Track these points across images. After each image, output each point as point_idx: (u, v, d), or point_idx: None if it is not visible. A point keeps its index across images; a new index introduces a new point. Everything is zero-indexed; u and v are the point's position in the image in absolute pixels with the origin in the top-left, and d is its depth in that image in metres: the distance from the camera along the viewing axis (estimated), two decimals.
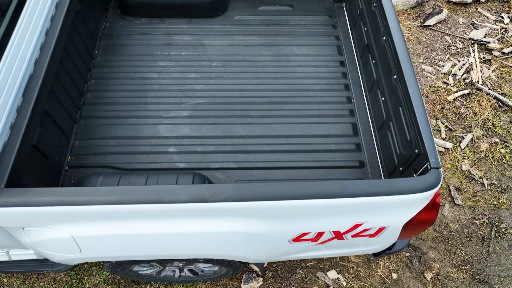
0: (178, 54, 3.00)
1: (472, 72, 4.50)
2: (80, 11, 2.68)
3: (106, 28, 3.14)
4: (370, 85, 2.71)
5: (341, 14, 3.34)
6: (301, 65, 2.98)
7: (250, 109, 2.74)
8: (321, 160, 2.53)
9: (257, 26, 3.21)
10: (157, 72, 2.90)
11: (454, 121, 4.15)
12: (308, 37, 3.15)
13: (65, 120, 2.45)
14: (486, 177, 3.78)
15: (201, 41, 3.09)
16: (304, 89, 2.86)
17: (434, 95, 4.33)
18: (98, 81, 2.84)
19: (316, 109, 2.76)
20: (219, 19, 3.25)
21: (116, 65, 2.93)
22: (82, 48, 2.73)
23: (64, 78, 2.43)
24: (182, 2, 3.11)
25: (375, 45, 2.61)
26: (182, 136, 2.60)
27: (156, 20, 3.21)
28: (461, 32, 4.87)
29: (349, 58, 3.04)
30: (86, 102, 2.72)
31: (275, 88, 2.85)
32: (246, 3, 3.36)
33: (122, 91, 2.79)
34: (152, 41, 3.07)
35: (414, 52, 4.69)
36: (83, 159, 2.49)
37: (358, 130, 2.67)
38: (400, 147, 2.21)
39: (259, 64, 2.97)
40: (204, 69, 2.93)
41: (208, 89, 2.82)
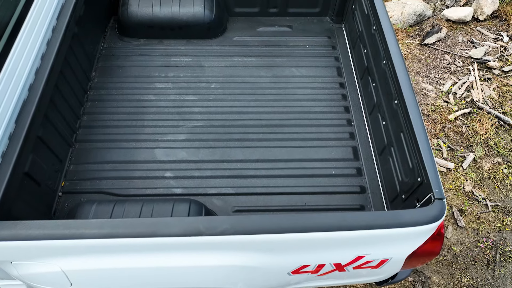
0: (176, 75, 2.97)
1: (473, 90, 4.48)
2: (77, 34, 2.66)
3: (104, 49, 3.12)
4: (371, 108, 2.67)
5: (341, 35, 3.32)
6: (301, 87, 2.95)
7: (249, 132, 2.69)
8: (321, 185, 2.48)
9: (256, 47, 3.19)
10: (155, 94, 2.86)
11: (456, 141, 4.10)
12: (307, 58, 3.13)
13: (59, 145, 2.40)
14: (490, 198, 3.71)
15: (200, 62, 3.07)
16: (303, 112, 2.82)
17: (434, 114, 4.30)
18: (94, 103, 2.80)
19: (316, 132, 2.71)
20: (218, 40, 3.23)
21: (113, 86, 2.89)
22: (79, 70, 2.70)
23: (60, 102, 2.40)
24: (180, 24, 3.10)
25: (375, 68, 2.58)
26: (179, 160, 2.54)
27: (155, 41, 3.19)
28: (461, 51, 4.87)
29: (349, 79, 3.01)
30: (82, 125, 2.68)
31: (274, 111, 2.81)
32: (245, 24, 3.35)
33: (119, 113, 2.75)
34: (150, 62, 3.04)
35: (414, 70, 4.68)
36: (78, 184, 2.44)
37: (358, 154, 2.62)
38: (402, 174, 2.15)
39: (258, 86, 2.94)
40: (202, 91, 2.89)
41: (206, 112, 2.78)
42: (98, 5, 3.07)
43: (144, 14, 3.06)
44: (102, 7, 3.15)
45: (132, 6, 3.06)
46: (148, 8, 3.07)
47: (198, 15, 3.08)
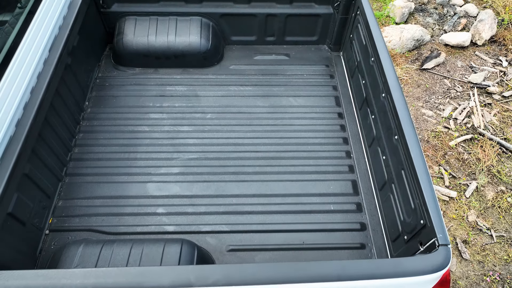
0: (171, 105, 2.91)
1: (473, 116, 4.42)
2: (70, 64, 2.61)
3: (98, 79, 3.07)
4: (370, 140, 2.59)
5: (339, 63, 3.28)
6: (298, 117, 2.89)
7: (245, 165, 2.61)
8: (319, 222, 2.38)
9: (253, 76, 3.15)
10: (149, 125, 2.79)
11: (458, 168, 4.02)
12: (305, 87, 3.08)
13: (48, 180, 2.32)
14: (494, 229, 3.60)
15: (195, 92, 3.01)
16: (301, 143, 2.74)
17: (435, 140, 4.22)
18: (86, 135, 2.73)
19: (314, 164, 2.63)
20: (214, 68, 3.19)
21: (106, 117, 2.83)
22: (72, 101, 2.64)
23: (50, 136, 2.32)
24: (176, 53, 3.06)
25: (374, 100, 2.52)
26: (172, 195, 2.45)
27: (150, 70, 3.15)
28: (460, 75, 4.83)
29: (347, 109, 2.95)
30: (73, 158, 2.60)
31: (271, 142, 2.73)
32: (242, 52, 3.32)
33: (111, 145, 2.67)
34: (145, 92, 2.99)
35: (413, 95, 4.63)
36: (66, 221, 2.34)
37: (358, 188, 2.53)
38: (404, 214, 2.05)
39: (255, 116, 2.88)
40: (198, 121, 2.83)
41: (201, 143, 2.71)
42: (93, 34, 3.04)
43: (140, 43, 3.02)
44: (97, 36, 3.12)
45: (127, 36, 3.03)
46: (143, 38, 3.03)
47: (194, 44, 3.04)
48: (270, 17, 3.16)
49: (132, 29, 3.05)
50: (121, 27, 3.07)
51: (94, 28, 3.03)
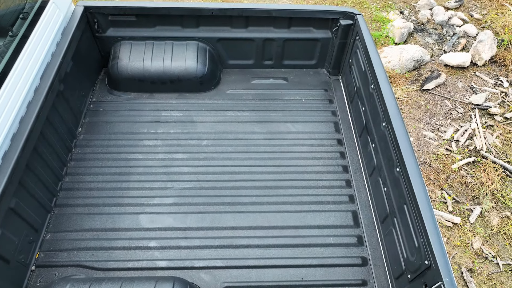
0: (166, 132, 2.84)
1: (475, 138, 4.34)
2: (62, 91, 2.55)
3: (92, 104, 3.00)
4: (371, 170, 2.51)
5: (338, 87, 3.22)
6: (296, 144, 2.81)
7: (241, 195, 2.52)
8: (319, 257, 2.27)
9: (250, 100, 3.08)
10: (143, 152, 2.71)
11: (461, 192, 3.92)
12: (303, 113, 3.01)
13: (36, 213, 2.22)
14: (500, 257, 3.47)
15: (191, 117, 2.94)
16: (299, 171, 2.65)
17: (437, 163, 4.14)
18: (78, 163, 2.64)
19: (313, 194, 2.54)
20: (211, 93, 3.12)
21: (99, 144, 2.75)
22: (63, 129, 2.57)
23: (39, 166, 2.24)
24: (172, 78, 3.00)
25: (374, 128, 2.45)
26: (165, 228, 2.35)
27: (145, 94, 3.09)
28: (461, 96, 4.78)
29: (347, 135, 2.87)
30: (63, 188, 2.51)
31: (269, 171, 2.65)
32: (239, 76, 3.26)
33: (104, 174, 2.59)
34: (140, 117, 2.92)
35: (414, 117, 4.57)
36: (54, 256, 2.23)
37: (359, 220, 2.43)
38: (407, 251, 1.95)
39: (252, 143, 2.80)
40: (193, 148, 2.75)
41: (196, 172, 2.62)
42: (88, 59, 2.99)
43: (135, 68, 2.97)
44: (91, 60, 3.07)
45: (122, 60, 2.98)
46: (138, 62, 2.98)
47: (191, 69, 2.99)
48: (268, 42, 3.12)
49: (128, 53, 3.00)
50: (116, 51, 3.02)
51: (88, 53, 2.98)
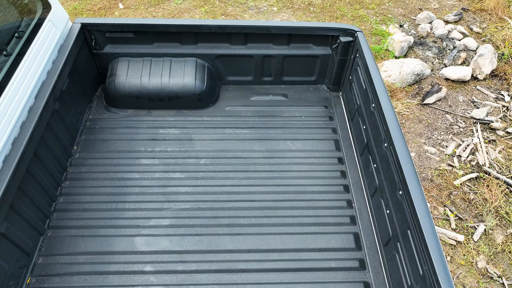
0: (164, 150, 2.78)
1: (478, 153, 4.28)
2: (58, 110, 2.50)
3: (88, 121, 2.95)
4: (372, 190, 2.45)
5: (338, 104, 3.18)
6: (296, 163, 2.75)
7: (240, 216, 2.45)
8: (320, 281, 2.19)
9: (249, 117, 3.03)
10: (139, 171, 2.65)
11: (464, 209, 3.85)
12: (303, 130, 2.96)
13: (28, 235, 2.16)
14: (506, 276, 3.39)
15: (189, 135, 2.89)
16: (299, 191, 2.59)
17: (439, 179, 4.07)
18: (73, 183, 2.58)
19: (313, 215, 2.47)
20: (209, 110, 3.08)
21: (95, 163, 2.69)
22: (58, 148, 2.52)
23: (32, 188, 2.18)
24: (170, 95, 2.96)
25: (376, 148, 2.39)
26: (161, 251, 2.28)
27: (143, 111, 3.04)
28: (462, 111, 4.74)
29: (347, 154, 2.82)
30: (57, 209, 2.44)
31: (268, 191, 2.59)
32: (238, 93, 3.22)
33: (99, 194, 2.53)
34: (137, 135, 2.87)
35: (415, 131, 4.52)
36: (46, 281, 2.16)
37: (361, 243, 2.36)
38: (411, 279, 1.88)
39: (251, 161, 2.74)
40: (191, 167, 2.69)
41: (194, 192, 2.56)
42: (84, 76, 2.95)
43: (132, 85, 2.93)
44: (88, 77, 3.03)
45: (120, 77, 2.94)
46: (136, 79, 2.94)
47: (189, 86, 2.95)
48: (267, 58, 3.09)
49: (125, 70, 2.97)
50: (113, 68, 2.99)
51: (85, 70, 2.95)
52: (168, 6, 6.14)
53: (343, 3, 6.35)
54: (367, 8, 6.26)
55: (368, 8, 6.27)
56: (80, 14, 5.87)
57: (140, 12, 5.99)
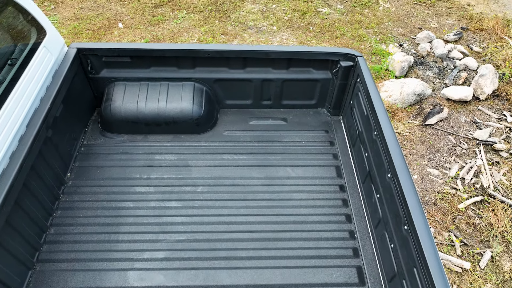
0: (160, 177, 2.70)
1: (482, 176, 4.19)
2: (51, 137, 2.43)
3: (83, 146, 2.88)
4: (376, 221, 2.35)
5: (339, 128, 3.11)
6: (296, 190, 2.66)
7: (238, 248, 2.35)
8: None
9: (248, 143, 2.96)
10: (134, 200, 2.57)
11: (469, 234, 3.74)
12: (303, 156, 2.88)
13: (15, 271, 2.05)
14: None
15: (186, 161, 2.81)
16: (300, 221, 2.50)
17: (443, 202, 3.97)
18: (65, 212, 2.49)
19: (314, 247, 2.37)
20: (207, 135, 3.01)
21: (88, 191, 2.61)
22: (50, 176, 2.43)
23: (21, 221, 2.09)
24: (167, 120, 2.89)
25: (378, 178, 2.31)
26: (155, 287, 2.17)
27: (139, 136, 2.97)
28: (465, 131, 4.67)
29: (349, 181, 2.73)
30: (48, 240, 2.35)
31: (267, 220, 2.49)
32: (237, 117, 3.16)
33: (91, 224, 2.43)
34: (132, 161, 2.79)
35: (417, 153, 4.44)
36: None
37: (364, 277, 2.25)
38: None
39: (249, 189, 2.65)
40: (187, 196, 2.60)
41: (190, 222, 2.46)
42: (80, 101, 2.89)
43: (128, 110, 2.87)
44: (84, 102, 2.97)
45: (116, 102, 2.88)
46: (132, 104, 2.88)
47: (186, 111, 2.89)
48: (266, 82, 3.03)
49: (121, 95, 2.91)
50: (109, 92, 2.93)
51: (81, 94, 2.89)
52: (167, 25, 6.15)
53: (343, 22, 6.37)
54: (367, 28, 6.27)
55: (368, 27, 6.27)
56: (79, 33, 5.87)
57: (139, 31, 6.00)
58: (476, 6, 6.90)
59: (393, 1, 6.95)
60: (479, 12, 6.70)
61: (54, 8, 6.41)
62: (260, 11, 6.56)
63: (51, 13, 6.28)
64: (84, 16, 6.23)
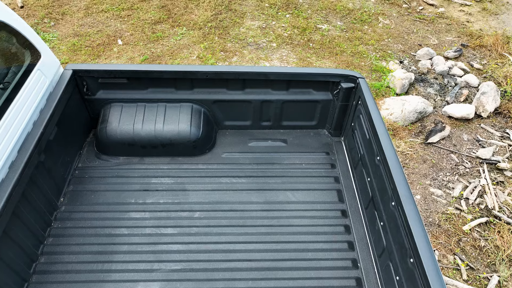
0: (156, 202, 2.62)
1: (486, 196, 4.10)
2: (44, 161, 2.35)
3: (78, 170, 2.80)
4: (380, 250, 2.26)
5: (340, 150, 3.04)
6: (297, 216, 2.58)
7: (236, 278, 2.25)
8: None
9: (247, 165, 2.89)
10: (128, 226, 2.48)
11: (475, 257, 3.63)
12: (304, 179, 2.80)
13: None
14: None
15: (183, 185, 2.74)
16: (300, 249, 2.40)
17: (447, 224, 3.87)
18: (57, 239, 2.40)
19: (316, 277, 2.27)
20: (205, 157, 2.93)
21: (81, 217, 2.52)
22: (42, 202, 2.35)
23: (10, 252, 2.00)
24: (164, 142, 2.83)
25: (382, 205, 2.23)
26: None
27: (135, 159, 2.90)
28: (467, 150, 4.60)
29: (351, 206, 2.65)
30: (37, 270, 2.25)
31: (266, 248, 2.40)
32: (236, 138, 3.09)
33: (83, 253, 2.34)
34: (128, 185, 2.71)
35: (420, 172, 4.36)
36: None
37: None
38: None
39: (248, 215, 2.57)
40: (184, 222, 2.51)
41: (186, 250, 2.37)
42: (75, 123, 2.82)
43: (124, 132, 2.80)
44: (79, 124, 2.90)
45: (112, 124, 2.81)
46: (129, 126, 2.82)
47: (184, 133, 2.82)
48: (266, 103, 2.97)
49: (118, 116, 2.85)
50: (105, 114, 2.87)
51: (76, 116, 2.83)
52: (167, 42, 6.14)
53: (342, 39, 6.36)
54: (367, 44, 6.26)
55: (368, 44, 6.26)
56: (78, 50, 5.85)
57: (139, 48, 5.98)
58: (476, 22, 6.91)
59: (393, 18, 6.96)
60: (479, 29, 6.70)
61: (54, 24, 6.41)
62: (259, 27, 6.57)
63: (50, 30, 6.28)
64: (83, 32, 6.23)
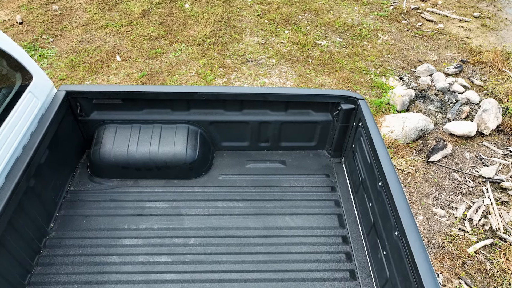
0: (149, 228, 2.52)
1: (490, 216, 4.00)
2: (33, 187, 2.27)
3: (70, 193, 2.72)
4: (383, 281, 2.16)
5: (340, 172, 2.96)
6: (296, 243, 2.48)
7: None
8: None
9: (244, 188, 2.80)
10: (120, 254, 2.38)
11: (480, 281, 3.51)
12: (303, 203, 2.71)
13: None
14: None
15: (178, 209, 2.64)
16: (299, 278, 2.30)
17: (451, 246, 3.76)
18: (45, 268, 2.30)
19: None
20: (202, 179, 2.85)
21: (72, 244, 2.42)
22: (31, 229, 2.26)
23: None
24: (159, 164, 2.75)
25: (384, 233, 2.13)
26: None
27: (129, 181, 2.81)
28: (470, 168, 4.51)
29: (352, 231, 2.55)
30: None
31: (264, 278, 2.29)
32: (233, 160, 3.01)
33: (72, 283, 2.23)
34: (121, 210, 2.62)
35: (422, 191, 4.26)
36: None
37: None
38: None
39: (245, 241, 2.47)
40: (178, 249, 2.41)
41: (181, 280, 2.27)
42: (68, 145, 2.75)
43: (118, 154, 2.72)
44: (72, 146, 2.83)
45: (105, 146, 2.74)
46: (123, 148, 2.74)
47: (180, 155, 2.74)
48: (264, 124, 2.91)
49: (112, 138, 2.77)
50: (99, 136, 2.79)
51: (69, 138, 2.75)
52: (166, 58, 6.11)
53: (342, 55, 6.34)
54: (366, 60, 6.23)
55: (367, 60, 6.24)
56: (76, 66, 5.82)
57: (137, 64, 5.95)
58: (475, 38, 6.91)
59: (392, 34, 6.96)
60: (478, 45, 6.69)
61: (52, 41, 6.40)
62: (259, 43, 6.55)
63: (49, 46, 6.27)
64: (82, 48, 6.21)
